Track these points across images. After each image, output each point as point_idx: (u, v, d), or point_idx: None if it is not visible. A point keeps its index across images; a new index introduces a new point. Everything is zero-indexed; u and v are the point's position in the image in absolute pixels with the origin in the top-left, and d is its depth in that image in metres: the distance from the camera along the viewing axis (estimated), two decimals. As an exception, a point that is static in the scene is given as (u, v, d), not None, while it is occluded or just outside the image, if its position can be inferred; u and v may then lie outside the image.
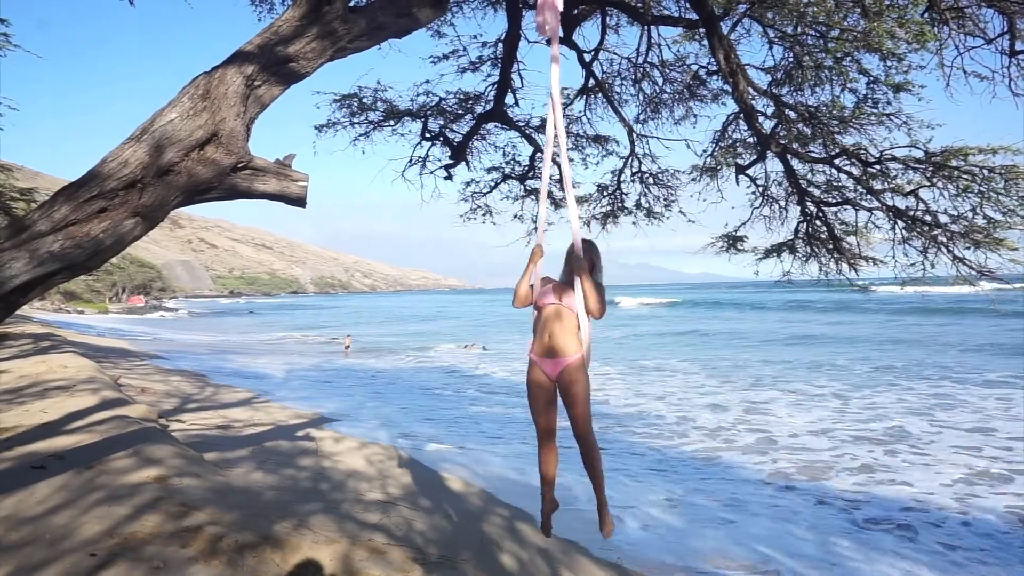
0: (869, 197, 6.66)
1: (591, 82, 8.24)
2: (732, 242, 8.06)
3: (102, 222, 3.11)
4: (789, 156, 6.87)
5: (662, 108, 8.34)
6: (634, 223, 9.00)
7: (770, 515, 7.90)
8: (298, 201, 3.78)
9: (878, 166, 6.34)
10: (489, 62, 8.22)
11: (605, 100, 8.43)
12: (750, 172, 7.76)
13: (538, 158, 8.75)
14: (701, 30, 6.14)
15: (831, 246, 7.32)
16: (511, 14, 6.86)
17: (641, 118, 8.53)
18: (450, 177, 9.05)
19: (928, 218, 6.26)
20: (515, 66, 7.72)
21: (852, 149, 6.39)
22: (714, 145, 7.97)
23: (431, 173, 9.07)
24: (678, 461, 10.43)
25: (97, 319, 57.41)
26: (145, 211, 3.23)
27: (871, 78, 5.88)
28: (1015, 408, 13.80)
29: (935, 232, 6.24)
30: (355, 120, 8.57)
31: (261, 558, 4.20)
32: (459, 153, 8.75)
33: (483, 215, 9.47)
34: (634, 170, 8.86)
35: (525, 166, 9.08)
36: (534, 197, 9.13)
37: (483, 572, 4.95)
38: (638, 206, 8.98)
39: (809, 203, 7.36)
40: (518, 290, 3.64)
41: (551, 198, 8.99)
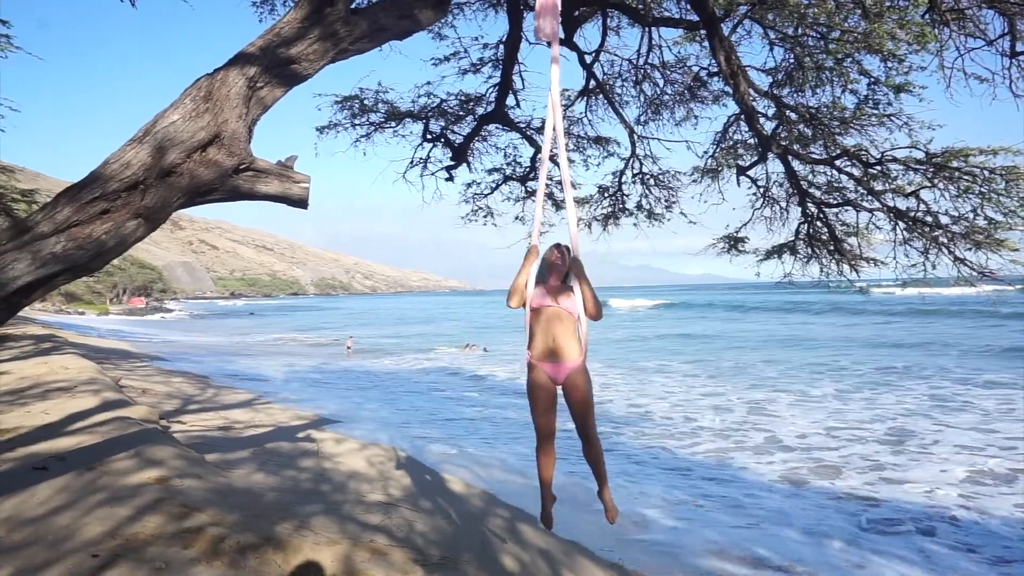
0: (870, 198, 6.68)
1: (592, 83, 8.25)
2: (733, 243, 8.07)
3: (104, 223, 3.12)
4: (790, 157, 6.88)
5: (663, 109, 8.36)
6: (635, 224, 9.03)
7: (782, 517, 7.89)
8: (300, 202, 3.79)
9: (879, 167, 6.35)
10: (490, 64, 8.24)
11: (606, 101, 8.44)
12: (751, 173, 7.78)
13: (539, 159, 8.77)
14: (702, 32, 6.15)
15: (832, 247, 7.33)
16: (512, 16, 6.88)
17: (642, 119, 8.56)
18: (451, 178, 9.07)
19: (929, 219, 6.27)
20: (516, 68, 7.74)
21: (853, 150, 6.40)
22: (715, 146, 7.99)
23: (432, 174, 9.10)
24: (690, 462, 10.43)
25: (98, 320, 57.44)
26: (147, 212, 3.24)
27: (872, 79, 5.90)
28: (1017, 410, 13.78)
29: (936, 233, 6.25)
30: (356, 122, 8.59)
31: (263, 559, 4.20)
32: (460, 154, 8.76)
33: (484, 216, 9.49)
34: (635, 171, 8.87)
35: (526, 167, 9.10)
36: (534, 198, 9.14)
37: (484, 573, 4.95)
38: (639, 207, 9.00)
39: (810, 204, 7.37)
40: (513, 290, 3.58)
41: (552, 199, 9.01)
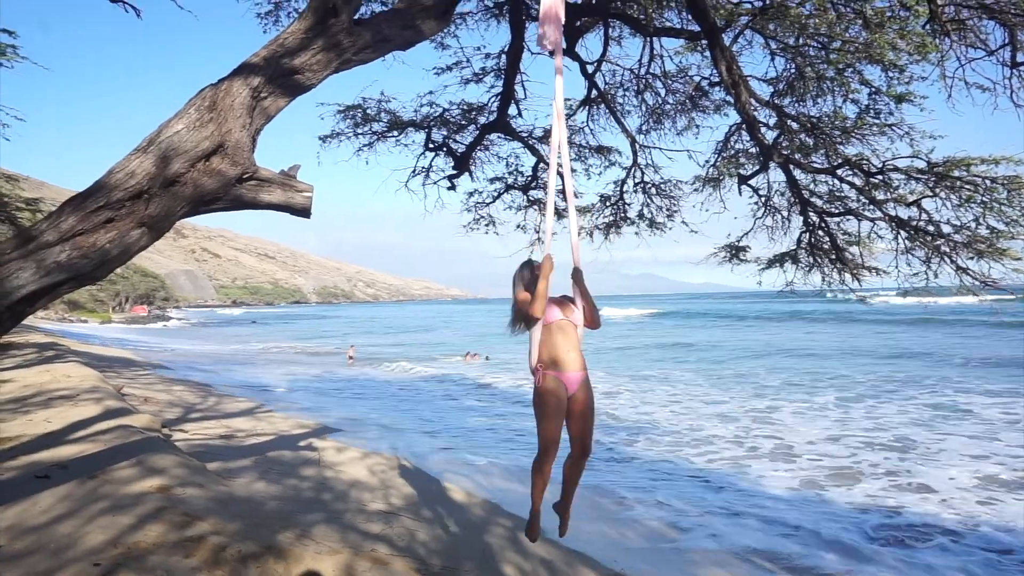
0: (872, 207, 6.68)
1: (594, 93, 8.29)
2: (735, 252, 8.08)
3: (109, 232, 3.14)
4: (791, 166, 6.89)
5: (664, 119, 8.39)
6: (636, 233, 9.04)
7: (796, 527, 7.86)
8: (303, 211, 3.81)
9: (880, 176, 6.36)
10: (492, 73, 8.28)
11: (608, 111, 8.48)
12: (752, 182, 7.79)
13: (541, 168, 8.79)
14: (703, 42, 6.18)
15: (834, 256, 7.33)
16: (514, 26, 6.91)
17: (643, 129, 8.59)
18: (453, 187, 9.09)
19: (931, 228, 6.27)
20: (518, 77, 7.78)
21: (854, 159, 6.41)
22: (716, 155, 8.00)
23: (434, 183, 9.13)
24: (701, 471, 10.39)
25: (100, 329, 57.49)
26: (151, 222, 3.25)
27: (873, 89, 5.92)
28: (1021, 420, 13.73)
29: (938, 242, 6.25)
30: (359, 131, 8.62)
31: (264, 568, 4.20)
32: (462, 163, 8.79)
33: (486, 225, 9.51)
34: (637, 180, 8.89)
35: (528, 176, 9.12)
36: (537, 207, 9.16)
37: (486, 583, 4.93)
38: (640, 216, 9.01)
39: (812, 213, 7.37)
40: (538, 296, 3.51)
41: (556, 209, 9.04)
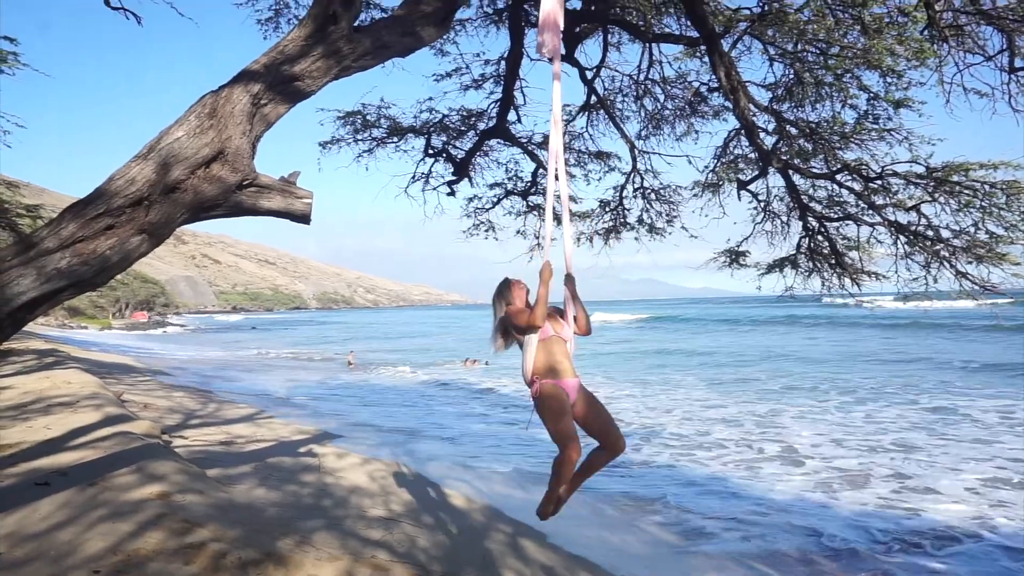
0: (871, 212, 6.69)
1: (593, 99, 8.31)
2: (734, 257, 8.08)
3: (109, 239, 3.14)
4: (791, 172, 6.91)
5: (664, 124, 8.41)
6: (636, 239, 9.06)
7: (803, 531, 7.83)
8: (302, 218, 3.82)
9: (879, 181, 6.37)
10: (492, 80, 8.31)
11: (607, 116, 8.50)
12: (752, 188, 7.80)
13: (540, 174, 8.81)
14: (702, 47, 6.20)
15: (833, 261, 7.33)
16: (513, 32, 6.94)
17: (643, 134, 8.61)
18: (453, 193, 9.11)
19: (930, 233, 6.28)
20: (517, 83, 7.79)
21: (853, 164, 6.43)
22: (716, 161, 8.02)
23: (434, 189, 9.14)
24: (708, 476, 10.35)
25: (101, 335, 57.48)
26: (151, 228, 3.26)
27: (871, 94, 5.93)
28: (1022, 424, 13.72)
29: (937, 247, 6.26)
30: (359, 137, 8.65)
31: (264, 575, 4.19)
32: (462, 169, 8.81)
33: (486, 231, 9.52)
34: (636, 186, 8.91)
35: (527, 182, 9.14)
36: (536, 213, 9.18)
37: (486, 589, 4.92)
38: (640, 222, 9.03)
39: (811, 218, 7.38)
40: (541, 302, 3.73)
41: (554, 214, 9.05)
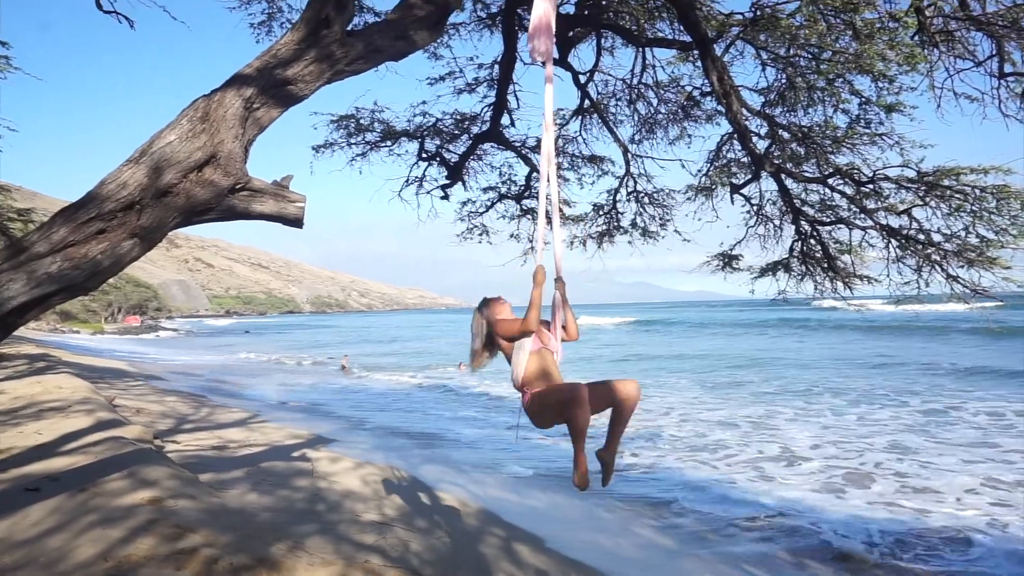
0: (863, 216, 6.72)
1: (586, 103, 8.33)
2: (727, 261, 8.10)
3: (100, 243, 3.13)
4: (783, 175, 6.93)
5: (657, 128, 8.44)
6: (630, 242, 9.07)
7: (802, 534, 7.84)
8: (295, 222, 3.81)
9: (871, 185, 6.40)
10: (485, 83, 8.32)
11: (600, 120, 8.52)
12: (744, 191, 7.82)
13: (534, 178, 8.81)
14: (695, 52, 6.23)
15: (826, 265, 7.36)
16: (507, 37, 6.95)
17: (636, 138, 8.64)
18: (447, 197, 9.11)
19: (921, 237, 6.31)
20: (511, 87, 7.81)
21: (845, 169, 6.46)
22: (709, 165, 8.04)
23: (428, 193, 9.14)
24: (698, 480, 10.32)
25: (93, 339, 57.14)
26: (143, 232, 3.25)
27: (863, 99, 5.97)
28: (1015, 425, 13.78)
29: (928, 251, 6.29)
30: (352, 141, 8.64)
31: (256, 581, 4.17)
32: (455, 173, 8.81)
33: (479, 234, 9.52)
34: (629, 189, 8.93)
35: (521, 186, 9.14)
36: (530, 217, 9.18)
37: (480, 594, 4.91)
38: (633, 225, 9.04)
39: (803, 222, 7.41)
40: (534, 306, 3.76)
41: (547, 217, 9.06)
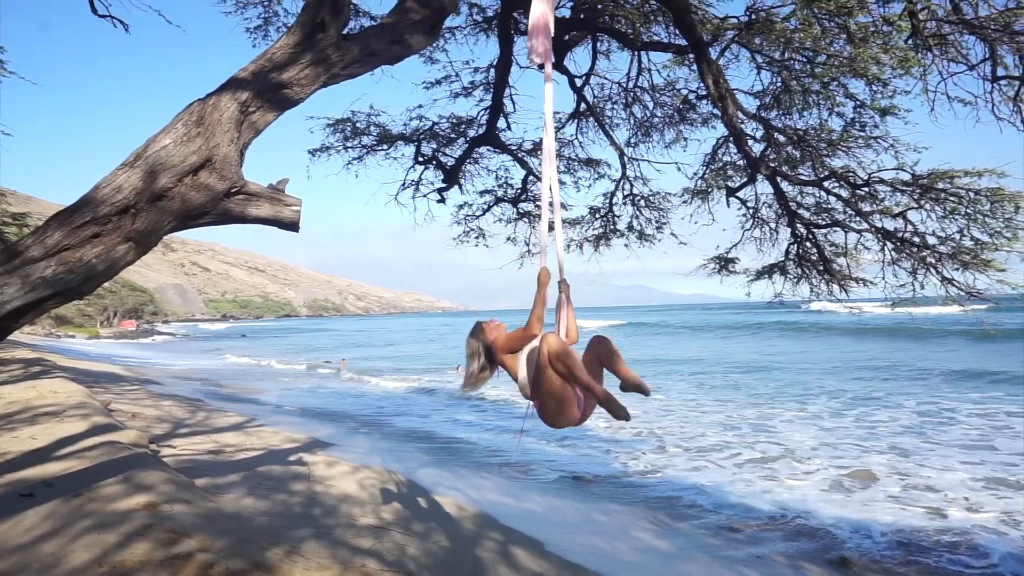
0: (858, 219, 6.74)
1: (582, 106, 8.35)
2: (723, 264, 8.12)
3: (95, 247, 3.12)
4: (779, 179, 6.96)
5: (653, 132, 8.46)
6: (626, 245, 9.09)
7: (803, 537, 7.81)
8: (291, 225, 3.80)
9: (866, 188, 6.43)
10: (481, 87, 8.34)
11: (596, 124, 8.54)
12: (740, 194, 7.85)
13: (531, 181, 8.83)
14: (690, 56, 6.25)
15: (821, 267, 7.38)
16: (503, 40, 6.96)
17: (632, 141, 8.66)
18: (443, 200, 9.12)
19: (916, 239, 6.33)
20: (507, 91, 7.82)
21: (841, 172, 6.48)
22: (704, 168, 8.07)
23: (424, 196, 9.16)
24: (697, 483, 10.27)
25: (88, 343, 56.95)
26: (138, 236, 3.24)
27: (858, 102, 5.99)
28: (1011, 427, 13.80)
29: (924, 253, 6.31)
30: (348, 144, 8.65)
31: (252, 586, 4.15)
32: (452, 176, 8.82)
33: (476, 238, 9.52)
34: (626, 193, 8.95)
35: (517, 189, 9.16)
36: (527, 220, 9.19)
37: (477, 598, 4.89)
38: (630, 228, 9.06)
39: (799, 225, 7.43)
40: (534, 324, 3.69)
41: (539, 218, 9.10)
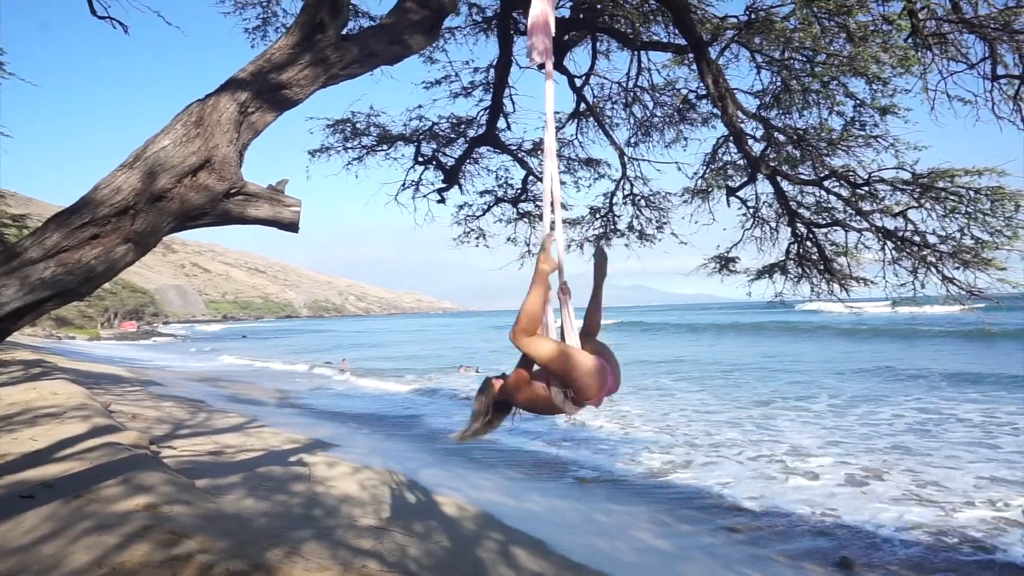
0: (858, 218, 6.73)
1: (582, 106, 8.34)
2: (724, 263, 8.11)
3: (94, 248, 3.11)
4: (779, 178, 6.94)
5: (653, 131, 8.44)
6: (627, 245, 9.07)
7: (802, 538, 7.84)
8: (290, 226, 3.80)
9: (866, 187, 6.41)
10: (481, 87, 8.32)
11: (596, 124, 8.52)
12: (741, 194, 7.84)
13: (530, 181, 8.82)
14: (690, 55, 6.23)
15: (822, 267, 7.37)
16: (502, 40, 6.95)
17: (632, 141, 8.64)
18: (443, 200, 9.11)
19: (917, 238, 6.32)
20: (507, 91, 7.80)
21: (841, 171, 6.46)
22: (705, 167, 8.05)
23: (424, 197, 9.14)
24: (696, 484, 10.27)
25: (89, 345, 56.97)
26: (137, 237, 3.23)
27: (858, 101, 5.97)
28: (1013, 426, 13.79)
29: (924, 252, 6.30)
30: (348, 145, 8.63)
31: (252, 587, 4.15)
32: (452, 177, 8.81)
33: (476, 238, 9.51)
34: (626, 192, 8.94)
35: (517, 189, 9.15)
36: (528, 220, 9.18)
37: (478, 599, 4.89)
38: (630, 228, 9.05)
39: (799, 224, 7.42)
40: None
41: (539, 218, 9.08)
